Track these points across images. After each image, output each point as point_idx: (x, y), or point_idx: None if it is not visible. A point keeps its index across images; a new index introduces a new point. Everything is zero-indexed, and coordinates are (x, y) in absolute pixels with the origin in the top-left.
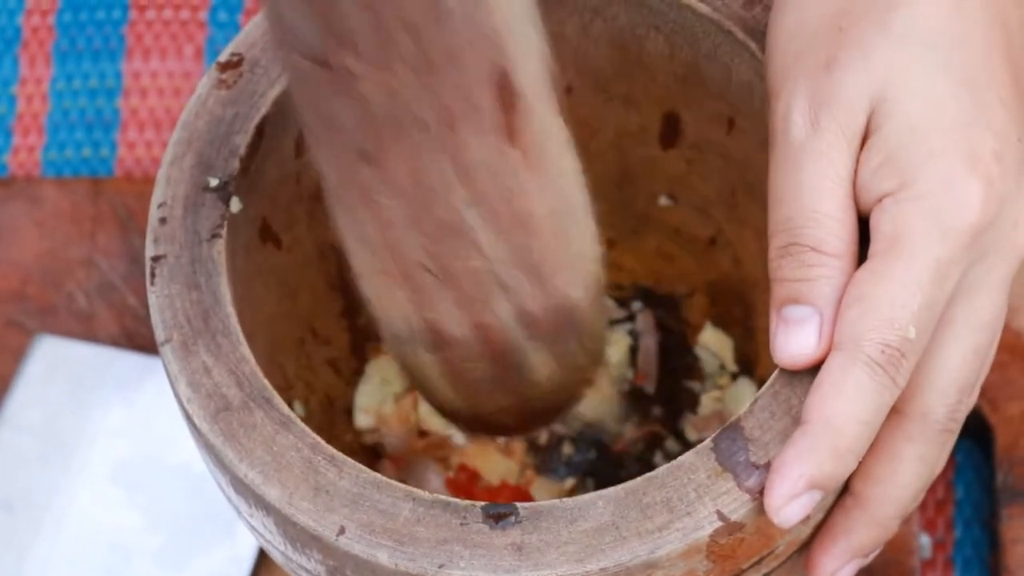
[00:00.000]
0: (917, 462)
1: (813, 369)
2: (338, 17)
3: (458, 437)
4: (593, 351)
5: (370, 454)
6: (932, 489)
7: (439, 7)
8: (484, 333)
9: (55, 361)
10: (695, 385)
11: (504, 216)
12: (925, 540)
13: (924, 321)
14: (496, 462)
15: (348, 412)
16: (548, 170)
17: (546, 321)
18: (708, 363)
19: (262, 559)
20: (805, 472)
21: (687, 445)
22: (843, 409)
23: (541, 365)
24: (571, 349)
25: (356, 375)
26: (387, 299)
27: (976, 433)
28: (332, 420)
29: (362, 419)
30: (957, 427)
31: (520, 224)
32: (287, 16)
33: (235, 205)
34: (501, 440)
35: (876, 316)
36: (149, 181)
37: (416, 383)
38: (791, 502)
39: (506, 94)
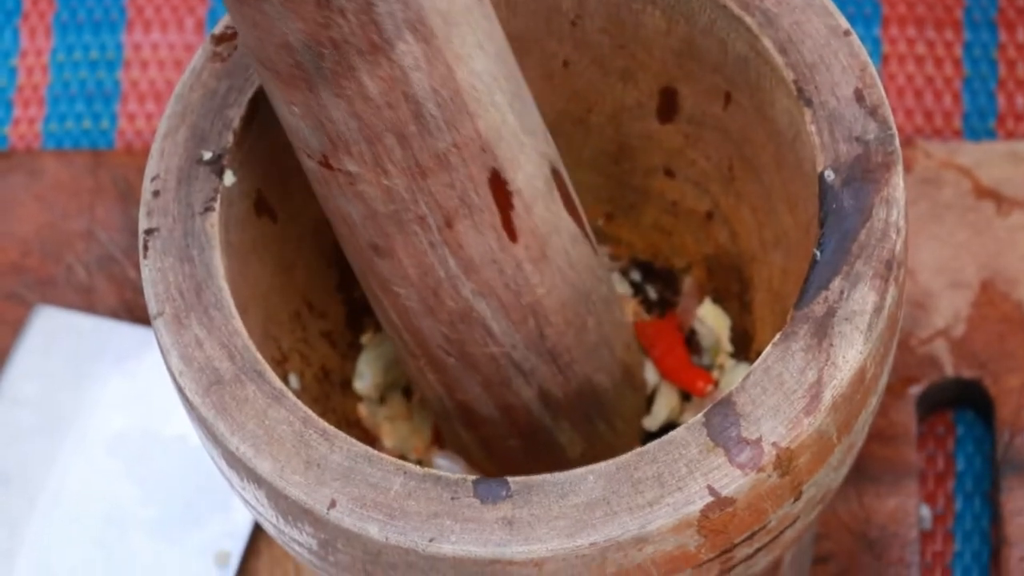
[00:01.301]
0: None
1: (804, 345)
2: (331, 123)
3: None
4: (624, 431)
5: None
6: (932, 461)
7: (420, 115)
8: (510, 414)
9: (54, 333)
10: (692, 358)
11: (513, 307)
12: (925, 512)
13: None
14: None
15: (343, 385)
16: (557, 266)
17: (568, 403)
18: (705, 337)
19: (258, 532)
20: None
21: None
22: None
23: (570, 444)
24: (600, 430)
25: (352, 348)
26: (421, 381)
27: (977, 405)
28: (327, 393)
29: (361, 383)
30: None
31: (531, 313)
32: (291, 121)
33: (228, 178)
34: None
35: None
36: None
37: (460, 453)
38: None
39: (501, 193)
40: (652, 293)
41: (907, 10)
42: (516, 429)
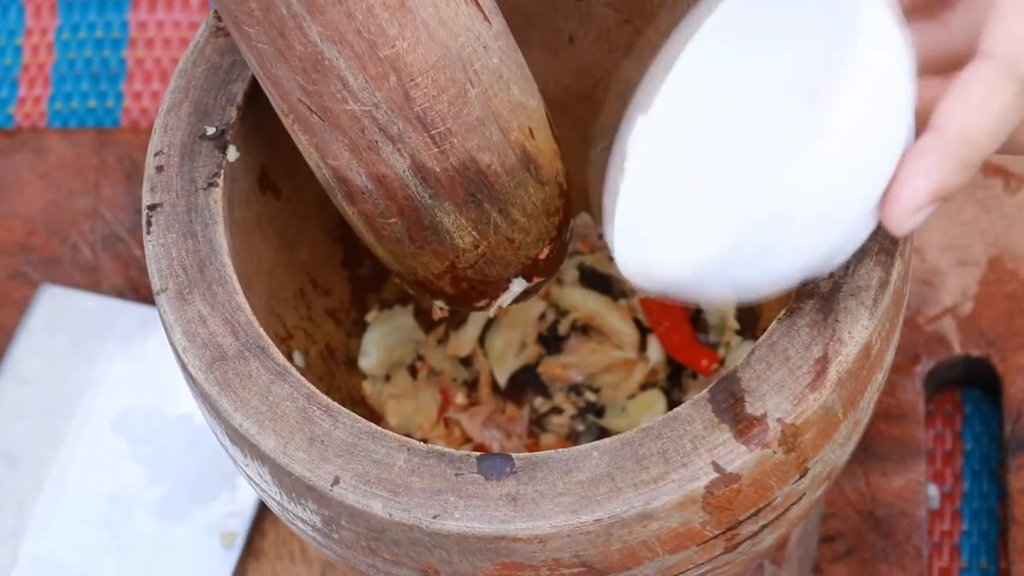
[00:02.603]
0: (996, 102)
1: (809, 321)
2: None
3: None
4: (526, 226)
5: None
6: (940, 439)
7: None
8: (385, 186)
9: (59, 312)
10: (699, 336)
11: (368, 59)
12: (933, 491)
13: None
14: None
15: (348, 363)
16: (421, 19)
17: (448, 181)
18: (711, 315)
19: (264, 512)
20: (932, 185)
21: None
22: (984, 125)
23: (458, 230)
24: (492, 218)
25: (357, 325)
26: (299, 144)
27: (984, 383)
28: (332, 371)
29: (366, 361)
30: None
31: (391, 69)
32: None
33: (232, 154)
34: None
35: None
36: None
37: (361, 240)
38: (914, 214)
39: None
40: None
41: None
42: (395, 205)
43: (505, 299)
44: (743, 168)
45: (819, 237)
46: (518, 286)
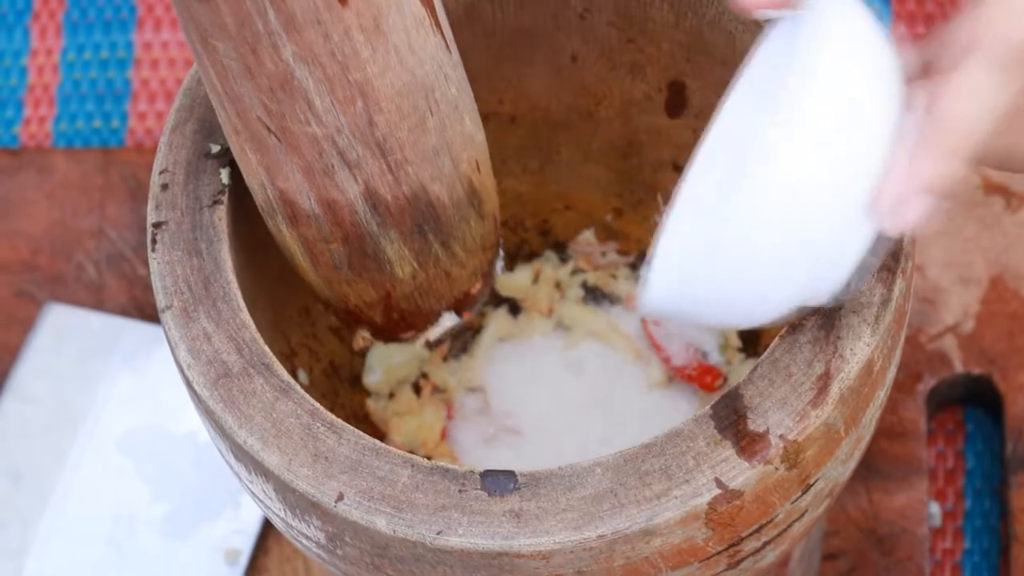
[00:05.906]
0: (975, 92)
1: (811, 338)
2: None
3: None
4: (463, 260)
5: (371, 422)
6: (942, 458)
7: None
8: (333, 212)
9: (64, 330)
10: (702, 354)
11: (338, 81)
12: (935, 509)
13: None
14: None
15: (352, 380)
16: (393, 44)
17: (398, 210)
18: (714, 334)
19: (268, 529)
20: (917, 172)
21: None
22: (961, 109)
23: (399, 260)
24: (434, 251)
25: None
26: (244, 164)
27: (986, 401)
28: (336, 388)
29: (370, 378)
30: (1018, 75)
31: (359, 93)
32: None
33: (225, 177)
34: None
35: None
36: None
37: (291, 263)
38: (901, 205)
39: None
40: None
41: (916, 7)
42: (340, 231)
43: (433, 332)
44: (710, 190)
45: (791, 253)
46: (449, 320)
